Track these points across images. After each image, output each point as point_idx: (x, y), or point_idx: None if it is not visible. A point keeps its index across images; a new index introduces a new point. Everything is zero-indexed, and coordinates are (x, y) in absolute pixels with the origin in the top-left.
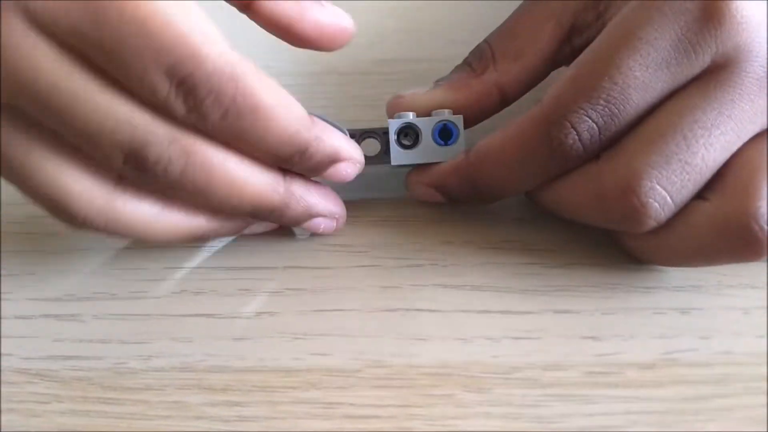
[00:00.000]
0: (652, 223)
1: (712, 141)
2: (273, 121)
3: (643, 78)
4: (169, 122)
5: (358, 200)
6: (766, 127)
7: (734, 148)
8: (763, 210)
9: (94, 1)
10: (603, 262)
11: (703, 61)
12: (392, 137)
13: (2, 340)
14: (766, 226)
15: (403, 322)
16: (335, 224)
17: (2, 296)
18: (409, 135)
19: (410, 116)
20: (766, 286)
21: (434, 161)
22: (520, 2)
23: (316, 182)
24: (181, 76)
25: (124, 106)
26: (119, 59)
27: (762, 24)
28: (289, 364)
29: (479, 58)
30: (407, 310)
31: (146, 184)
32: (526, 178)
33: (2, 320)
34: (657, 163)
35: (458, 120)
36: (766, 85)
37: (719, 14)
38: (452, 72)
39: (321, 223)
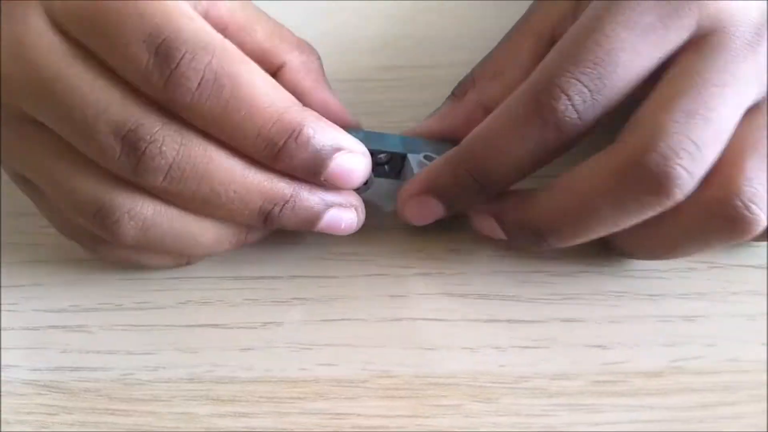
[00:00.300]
0: (684, 177)
1: (726, 100)
2: (256, 91)
3: (629, 39)
4: (155, 100)
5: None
6: (758, 99)
7: (742, 110)
8: (748, 188)
9: None
10: (609, 271)
11: (688, 24)
12: (413, 164)
13: (10, 351)
14: (751, 204)
15: (409, 331)
16: (356, 215)
17: (9, 308)
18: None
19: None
20: None
21: None
22: (527, 5)
23: None
24: (157, 44)
25: (118, 90)
26: (109, 34)
27: None
28: (297, 375)
29: (461, 86)
30: (414, 319)
31: (146, 179)
32: (523, 156)
33: (10, 332)
34: (681, 117)
35: None
36: (755, 49)
37: None
38: (439, 107)
39: (342, 217)
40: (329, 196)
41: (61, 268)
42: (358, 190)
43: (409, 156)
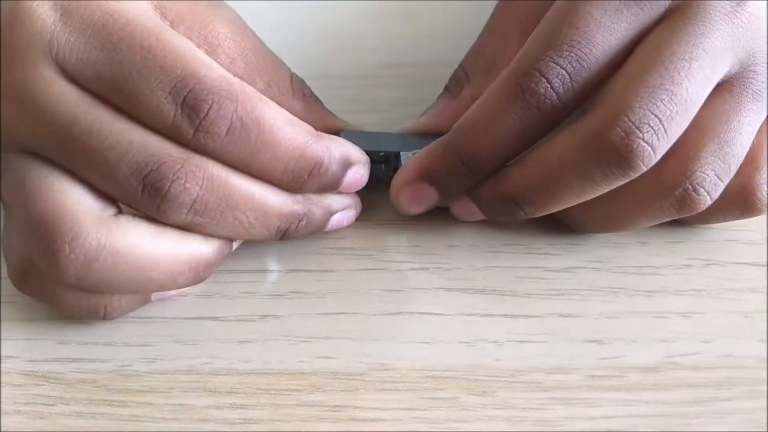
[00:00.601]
0: (647, 151)
1: (693, 73)
2: (279, 133)
3: (603, 20)
4: (181, 146)
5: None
6: (729, 74)
7: (711, 84)
8: (700, 173)
9: (109, 38)
10: (606, 267)
11: None
12: (404, 161)
13: (9, 342)
14: (700, 188)
15: (407, 325)
16: (354, 212)
17: (8, 299)
18: None
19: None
20: (767, 290)
21: None
22: None
23: None
24: (183, 95)
25: (137, 132)
26: (130, 87)
27: None
28: (294, 367)
29: (455, 82)
30: (411, 313)
31: (170, 216)
32: (508, 138)
33: (9, 323)
34: (645, 92)
35: None
36: (731, 21)
37: None
38: (433, 103)
39: (343, 218)
40: (333, 205)
41: None
42: None
43: (402, 154)
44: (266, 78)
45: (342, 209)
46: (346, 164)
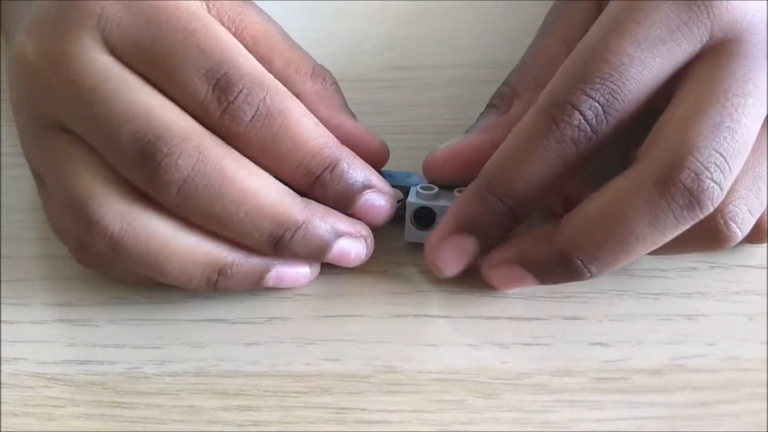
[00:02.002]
0: (716, 191)
1: (749, 110)
2: (303, 127)
3: (636, 54)
4: (187, 123)
5: None
6: None
7: (762, 120)
8: (733, 208)
9: (156, 18)
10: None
11: (700, 35)
12: (408, 217)
13: (18, 344)
14: (731, 223)
15: (413, 328)
16: (365, 246)
17: (18, 301)
18: (427, 216)
19: (434, 190)
20: None
21: None
22: (529, 6)
23: None
24: (217, 77)
25: (146, 103)
26: (168, 64)
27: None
28: (301, 369)
29: (502, 98)
30: (417, 316)
31: (160, 192)
32: (545, 174)
33: (18, 325)
34: (707, 131)
35: None
36: None
37: None
38: (479, 119)
39: (351, 248)
40: (340, 225)
41: (71, 264)
42: None
43: (411, 189)
44: (285, 58)
45: (349, 233)
46: (366, 182)
